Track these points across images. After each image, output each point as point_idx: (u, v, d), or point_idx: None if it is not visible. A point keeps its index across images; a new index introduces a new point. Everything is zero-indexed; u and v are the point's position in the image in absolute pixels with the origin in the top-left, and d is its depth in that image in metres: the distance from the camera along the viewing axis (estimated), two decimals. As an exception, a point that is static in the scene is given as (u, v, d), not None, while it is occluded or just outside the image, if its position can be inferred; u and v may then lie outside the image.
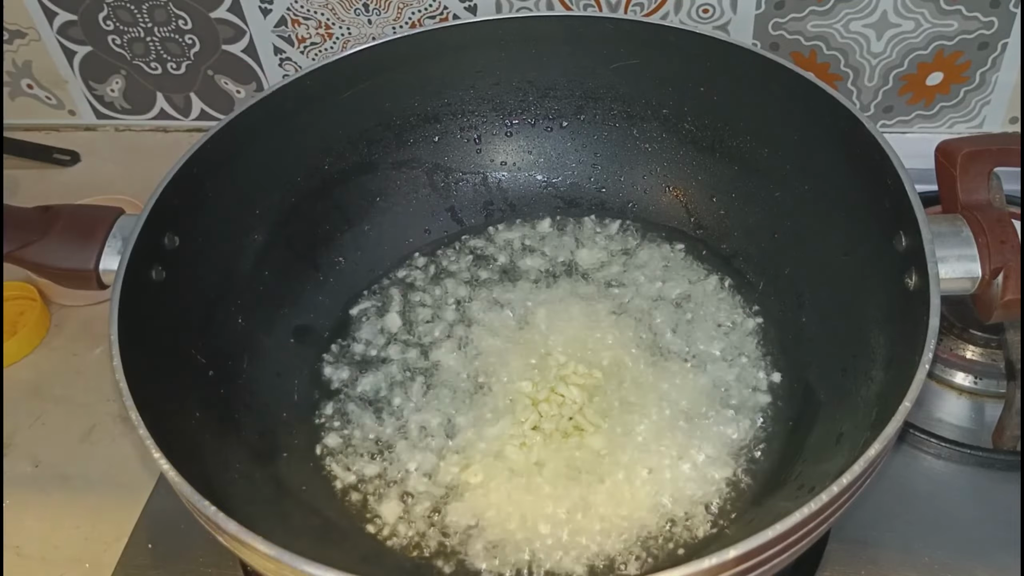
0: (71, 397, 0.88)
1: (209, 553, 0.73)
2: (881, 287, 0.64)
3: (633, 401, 0.72)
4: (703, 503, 0.66)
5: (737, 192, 0.81)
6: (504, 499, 0.67)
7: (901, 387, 0.53)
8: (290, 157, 0.80)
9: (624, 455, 0.69)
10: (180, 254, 0.69)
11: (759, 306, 0.78)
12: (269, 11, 0.99)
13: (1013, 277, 0.60)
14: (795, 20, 0.92)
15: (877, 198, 0.64)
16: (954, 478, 0.74)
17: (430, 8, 0.96)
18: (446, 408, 0.73)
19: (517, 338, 0.77)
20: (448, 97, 0.85)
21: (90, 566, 0.75)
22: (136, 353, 0.60)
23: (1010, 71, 0.93)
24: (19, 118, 1.15)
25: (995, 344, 0.80)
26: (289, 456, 0.71)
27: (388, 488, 0.69)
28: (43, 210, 0.68)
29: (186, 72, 1.07)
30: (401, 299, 0.82)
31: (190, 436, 0.64)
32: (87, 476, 0.81)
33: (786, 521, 0.49)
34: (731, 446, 0.69)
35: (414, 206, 0.87)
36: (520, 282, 0.82)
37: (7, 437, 0.85)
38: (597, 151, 0.87)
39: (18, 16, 1.04)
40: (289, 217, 0.80)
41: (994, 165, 0.64)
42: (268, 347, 0.76)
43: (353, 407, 0.75)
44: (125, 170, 1.10)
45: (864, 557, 0.69)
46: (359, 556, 0.65)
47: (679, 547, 0.65)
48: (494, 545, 0.65)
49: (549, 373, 0.74)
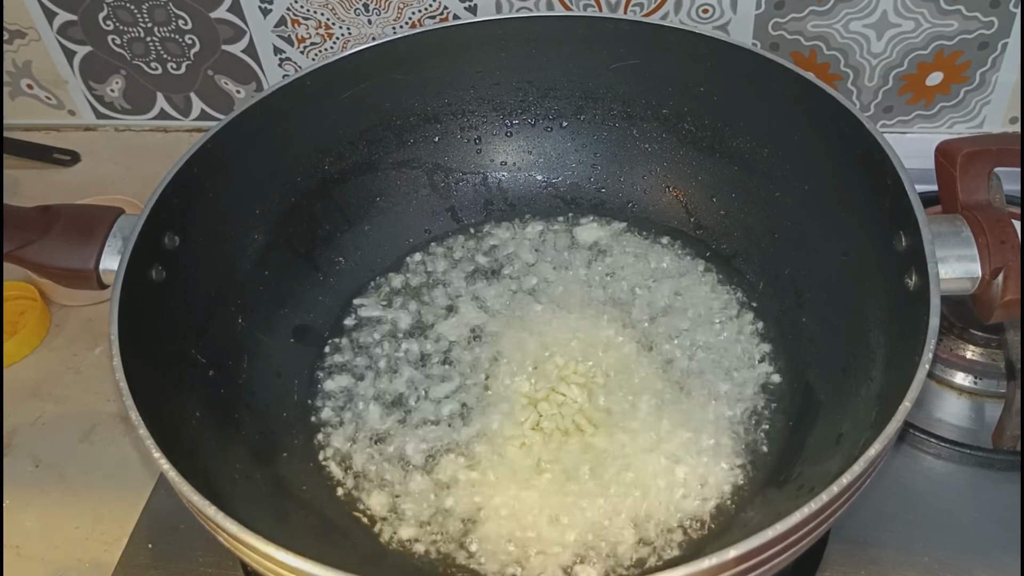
0: (71, 397, 0.88)
1: (209, 553, 0.73)
2: (881, 287, 0.64)
3: (632, 401, 0.72)
4: (703, 503, 0.66)
5: (737, 192, 0.81)
6: (505, 499, 0.67)
7: (901, 387, 0.53)
8: (290, 157, 0.80)
9: (623, 455, 0.69)
10: (180, 254, 0.69)
11: (759, 306, 0.78)
12: (269, 11, 0.99)
13: (1013, 277, 0.60)
14: (795, 20, 0.92)
15: (877, 198, 0.64)
16: (954, 478, 0.74)
17: (430, 8, 0.97)
18: (446, 408, 0.73)
19: (517, 338, 0.77)
20: (448, 97, 0.85)
21: (90, 566, 0.75)
22: (136, 353, 0.60)
23: (1010, 71, 0.93)
24: (19, 118, 1.15)
25: (995, 344, 0.80)
26: (289, 456, 0.71)
27: (388, 488, 0.69)
28: (43, 210, 0.68)
29: (186, 72, 1.07)
30: (401, 299, 0.82)
31: (190, 436, 0.64)
32: (87, 476, 0.81)
33: (786, 521, 0.49)
34: (731, 446, 0.69)
35: (414, 206, 0.87)
36: (520, 282, 0.82)
37: (7, 437, 0.85)
38: (597, 151, 0.87)
39: (18, 16, 1.04)
40: (289, 217, 0.80)
41: (994, 165, 0.64)
42: (268, 347, 0.76)
43: (353, 407, 0.75)
44: (125, 170, 1.10)
45: (864, 557, 0.69)
46: (359, 556, 0.65)
47: (679, 548, 0.65)
48: (494, 546, 0.65)
49: (549, 373, 0.74)
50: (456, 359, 0.77)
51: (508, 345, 0.77)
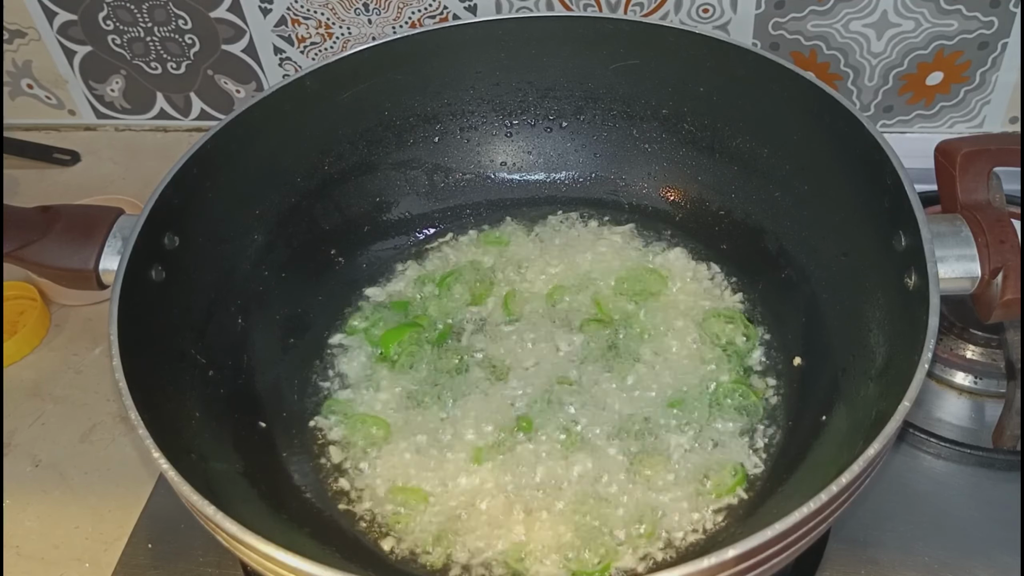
0: (71, 397, 0.88)
1: (209, 553, 0.73)
2: (881, 287, 0.64)
3: (632, 402, 0.72)
4: (703, 502, 0.67)
5: (737, 192, 0.82)
6: (505, 499, 0.67)
7: (901, 387, 0.53)
8: (290, 157, 0.80)
9: (625, 461, 0.69)
10: (180, 254, 0.69)
11: (758, 306, 0.78)
12: (269, 11, 0.99)
13: (1012, 277, 0.60)
14: (795, 20, 0.92)
15: (877, 198, 0.64)
16: (954, 478, 0.74)
17: (430, 8, 0.97)
18: (446, 410, 0.73)
19: (516, 337, 0.77)
20: (448, 97, 0.85)
21: (90, 566, 0.75)
22: (136, 353, 0.60)
23: (1010, 71, 0.93)
24: (19, 118, 1.15)
25: (995, 344, 0.80)
26: (289, 456, 0.71)
27: (387, 489, 0.69)
28: (43, 210, 0.68)
29: (186, 72, 1.07)
30: (400, 299, 0.82)
31: (190, 436, 0.64)
32: (87, 476, 0.81)
33: (786, 520, 0.49)
34: (731, 446, 0.69)
35: (414, 206, 0.87)
36: (519, 282, 0.82)
37: (7, 437, 0.85)
38: (597, 151, 0.87)
39: (18, 16, 1.04)
40: (289, 217, 0.80)
41: (993, 165, 0.64)
42: (267, 347, 0.76)
43: (353, 407, 0.75)
44: (125, 170, 1.10)
45: (864, 557, 0.69)
46: (358, 556, 0.65)
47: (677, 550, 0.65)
48: (493, 547, 0.65)
49: (549, 378, 0.74)
50: (456, 360, 0.76)
51: (508, 345, 0.77)
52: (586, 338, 0.77)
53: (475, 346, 0.77)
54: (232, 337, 0.74)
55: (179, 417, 0.64)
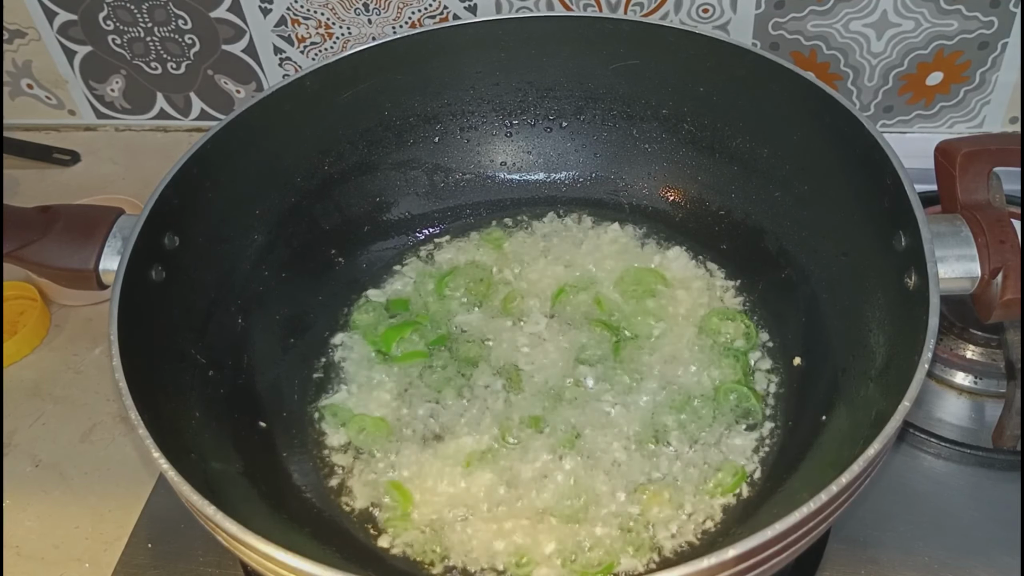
0: (71, 397, 0.88)
1: (209, 553, 0.73)
2: (881, 287, 0.64)
3: (632, 403, 0.72)
4: (703, 502, 0.67)
5: (737, 192, 0.82)
6: (506, 500, 0.67)
7: (901, 387, 0.53)
8: (290, 157, 0.80)
9: (626, 460, 0.69)
10: (180, 254, 0.69)
11: (758, 306, 0.78)
12: (269, 11, 0.99)
13: (1012, 277, 0.60)
14: (795, 20, 0.92)
15: (877, 198, 0.64)
16: (954, 478, 0.74)
17: (430, 8, 0.97)
18: (447, 411, 0.73)
19: (516, 338, 0.77)
20: (448, 97, 0.85)
21: (90, 566, 0.75)
22: (136, 353, 0.60)
23: (1010, 71, 0.93)
24: (19, 118, 1.15)
25: (995, 344, 0.80)
26: (289, 456, 0.71)
27: (387, 489, 0.69)
28: (43, 210, 0.68)
29: (186, 72, 1.07)
30: (401, 299, 0.82)
31: (190, 436, 0.64)
32: (87, 476, 0.81)
33: (786, 520, 0.49)
34: (731, 446, 0.69)
35: (414, 206, 0.87)
36: (519, 282, 0.82)
37: (7, 437, 0.85)
38: (597, 151, 0.87)
39: (18, 16, 1.04)
40: (289, 217, 0.80)
41: (993, 165, 0.64)
42: (267, 347, 0.76)
43: (352, 407, 0.75)
44: (125, 170, 1.10)
45: (864, 557, 0.69)
46: (358, 556, 0.65)
47: (677, 550, 0.65)
48: (492, 548, 0.65)
49: (549, 378, 0.74)
50: (455, 361, 0.77)
51: (508, 345, 0.77)
52: (586, 338, 0.77)
53: (475, 346, 0.77)
54: (232, 337, 0.74)
55: (179, 417, 0.64)
